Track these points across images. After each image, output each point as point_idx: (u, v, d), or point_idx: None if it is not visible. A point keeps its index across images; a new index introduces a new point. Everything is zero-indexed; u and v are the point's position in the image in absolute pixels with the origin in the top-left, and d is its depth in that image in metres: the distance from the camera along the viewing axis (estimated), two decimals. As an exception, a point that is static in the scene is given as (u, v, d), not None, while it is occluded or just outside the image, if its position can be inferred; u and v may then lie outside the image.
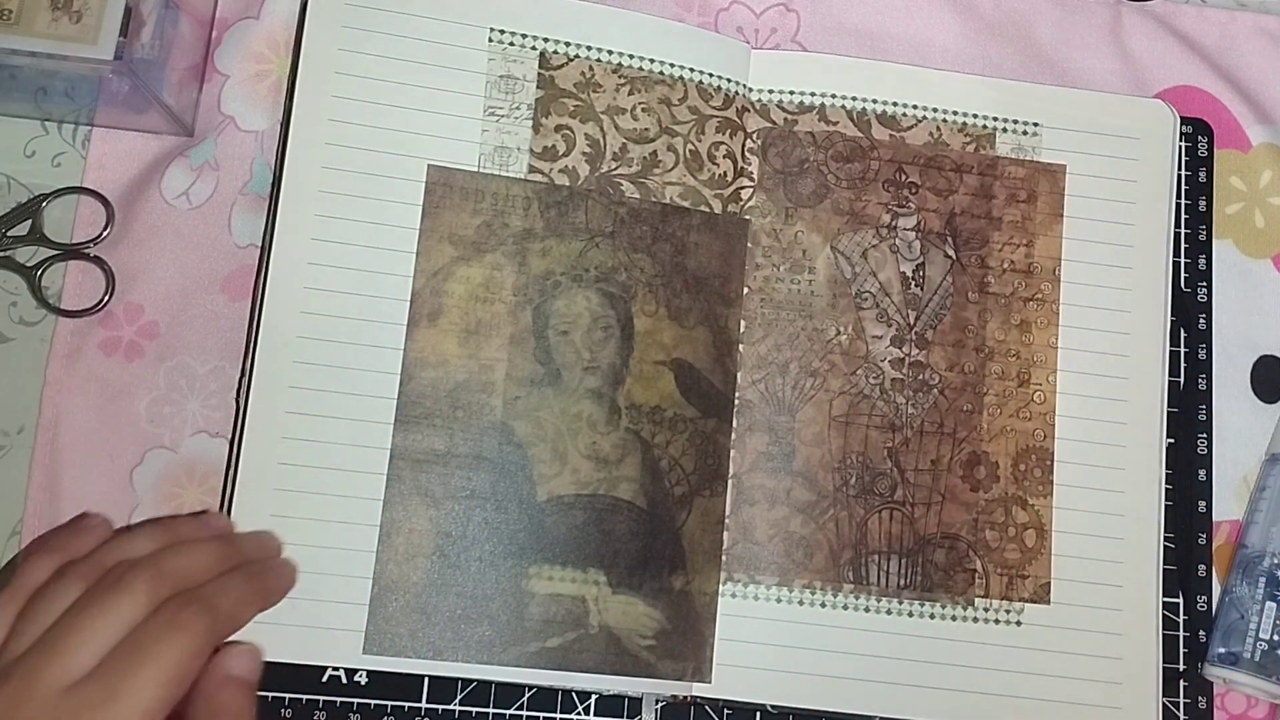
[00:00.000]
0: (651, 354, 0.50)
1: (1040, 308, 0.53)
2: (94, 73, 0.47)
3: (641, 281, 0.50)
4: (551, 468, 0.48)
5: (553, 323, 0.50)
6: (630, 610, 0.48)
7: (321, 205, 0.49)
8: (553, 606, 0.47)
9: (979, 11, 0.58)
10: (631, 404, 0.49)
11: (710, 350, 0.51)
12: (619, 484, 0.49)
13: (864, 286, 0.52)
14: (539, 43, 0.52)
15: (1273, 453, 0.54)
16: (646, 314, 0.50)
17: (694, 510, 0.49)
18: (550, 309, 0.50)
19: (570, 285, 0.50)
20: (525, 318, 0.49)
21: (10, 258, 0.51)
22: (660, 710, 0.50)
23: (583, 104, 0.52)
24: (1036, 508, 0.51)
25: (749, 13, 0.57)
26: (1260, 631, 0.50)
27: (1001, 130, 0.54)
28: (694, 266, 0.51)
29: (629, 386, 0.50)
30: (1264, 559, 0.51)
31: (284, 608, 0.44)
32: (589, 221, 0.51)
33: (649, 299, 0.50)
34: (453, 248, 0.49)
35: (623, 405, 0.49)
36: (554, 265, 0.50)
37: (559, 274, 0.50)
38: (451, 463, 0.48)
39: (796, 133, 0.53)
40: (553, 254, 0.50)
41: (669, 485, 0.49)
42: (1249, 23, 0.59)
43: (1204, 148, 0.57)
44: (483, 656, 0.47)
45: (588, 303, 0.50)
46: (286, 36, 0.54)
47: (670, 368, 0.50)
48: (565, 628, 0.47)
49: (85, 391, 0.50)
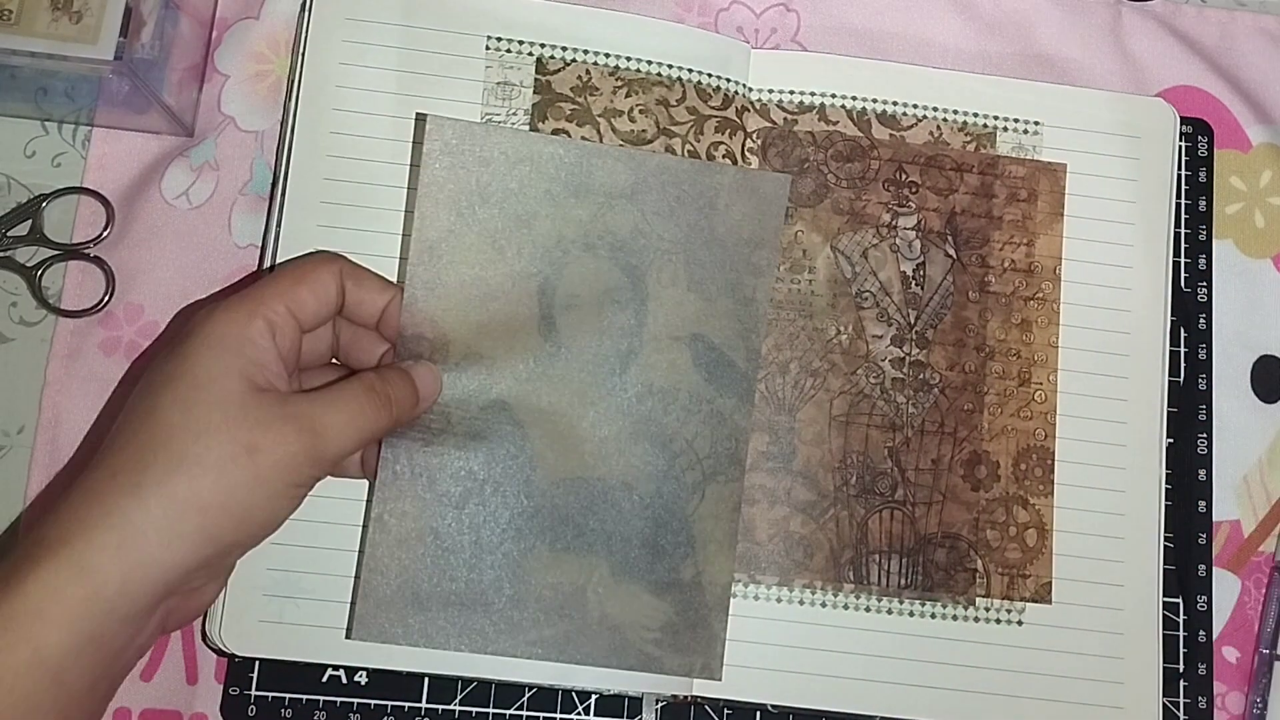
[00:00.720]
0: (667, 328, 0.47)
1: (1041, 307, 0.53)
2: (94, 73, 0.47)
3: (661, 248, 0.47)
4: (553, 449, 0.46)
5: (559, 296, 0.46)
6: (634, 601, 0.46)
7: (322, 214, 0.50)
8: (551, 595, 0.45)
9: (979, 11, 0.58)
10: (642, 382, 0.47)
11: (734, 324, 0.48)
12: (625, 468, 0.46)
13: (864, 286, 0.52)
14: (535, 48, 0.52)
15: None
16: (664, 285, 0.47)
17: (707, 497, 0.47)
18: (557, 281, 0.46)
19: (581, 254, 0.46)
20: (531, 290, 0.46)
21: (10, 258, 0.51)
22: (660, 710, 0.50)
23: (579, 108, 0.52)
24: (1037, 507, 0.51)
25: (749, 13, 0.57)
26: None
27: (1002, 129, 0.54)
28: (722, 230, 0.48)
29: (640, 363, 0.47)
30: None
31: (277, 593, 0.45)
32: (605, 181, 0.47)
33: (667, 267, 0.47)
34: (454, 213, 0.46)
35: (632, 383, 0.47)
36: (565, 230, 0.46)
37: (569, 241, 0.47)
38: (449, 442, 0.45)
39: (796, 132, 0.53)
40: (564, 218, 0.47)
41: (680, 470, 0.47)
42: (1249, 23, 0.59)
43: (1204, 148, 0.57)
44: (477, 645, 0.45)
45: (598, 274, 0.46)
46: (286, 36, 0.54)
47: (687, 344, 0.47)
48: (564, 617, 0.45)
49: (85, 391, 0.50)
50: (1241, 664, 0.53)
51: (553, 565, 0.46)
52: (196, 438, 0.37)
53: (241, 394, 0.38)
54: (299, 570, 0.47)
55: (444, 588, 0.45)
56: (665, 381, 0.47)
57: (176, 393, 0.38)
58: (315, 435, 0.39)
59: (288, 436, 0.38)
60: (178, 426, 0.37)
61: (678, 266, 0.47)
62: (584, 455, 0.46)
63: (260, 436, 0.38)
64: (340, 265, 0.43)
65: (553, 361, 0.46)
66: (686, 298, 0.47)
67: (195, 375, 0.38)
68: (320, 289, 0.42)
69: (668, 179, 0.47)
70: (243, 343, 0.39)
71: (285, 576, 0.47)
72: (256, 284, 0.42)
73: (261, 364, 0.39)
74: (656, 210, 0.47)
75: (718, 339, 0.47)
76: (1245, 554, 0.54)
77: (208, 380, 0.38)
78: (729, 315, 0.48)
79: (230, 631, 0.46)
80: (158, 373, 0.39)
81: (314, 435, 0.39)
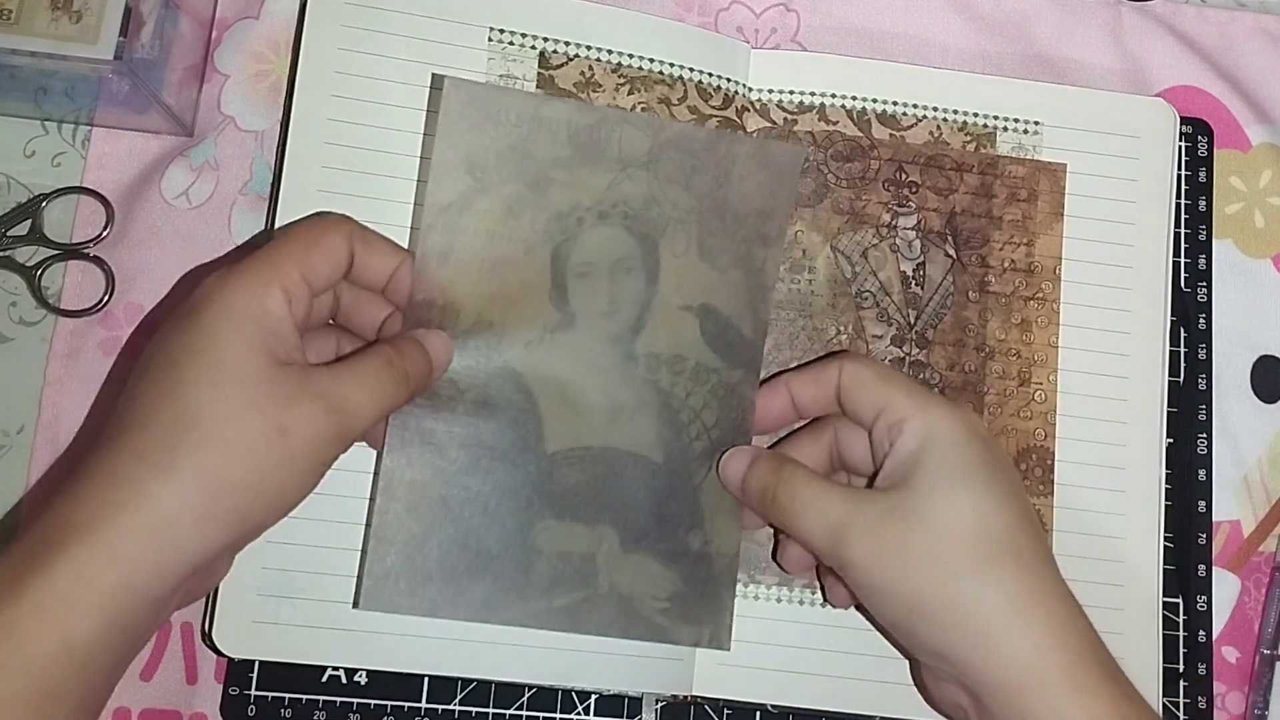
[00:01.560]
0: (677, 298, 0.47)
1: (1041, 307, 0.53)
2: (94, 73, 0.47)
3: (674, 218, 0.46)
4: (562, 418, 0.45)
5: (572, 264, 0.46)
6: (643, 571, 0.46)
7: (321, 204, 0.49)
8: (560, 564, 0.45)
9: (979, 11, 0.58)
10: (650, 352, 0.46)
11: (742, 295, 0.47)
12: (634, 437, 0.46)
13: (864, 286, 0.52)
14: (538, 42, 0.52)
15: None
16: (675, 254, 0.47)
17: (715, 467, 0.47)
18: (570, 249, 0.46)
19: (595, 223, 0.46)
20: (543, 257, 0.45)
21: (10, 258, 0.51)
22: (660, 710, 0.50)
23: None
24: (1036, 507, 0.51)
25: (749, 12, 0.57)
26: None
27: (1002, 129, 0.54)
28: (735, 200, 0.47)
29: (649, 333, 0.46)
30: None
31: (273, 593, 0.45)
32: (622, 149, 0.46)
33: (679, 237, 0.47)
34: (470, 177, 0.45)
35: (641, 353, 0.46)
36: (580, 198, 0.46)
37: (584, 209, 0.46)
38: (457, 410, 0.44)
39: (796, 132, 0.53)
40: (579, 186, 0.46)
41: (688, 440, 0.46)
42: (1249, 23, 0.59)
43: (1204, 148, 0.57)
44: (484, 615, 0.44)
45: (612, 242, 0.46)
46: (286, 36, 0.54)
47: (696, 314, 0.47)
48: (573, 587, 0.45)
49: (85, 391, 0.50)
50: (1241, 664, 0.53)
51: (561, 535, 0.45)
52: (227, 418, 0.37)
53: (267, 370, 0.38)
54: (295, 570, 0.47)
55: (452, 557, 0.44)
56: (674, 351, 0.47)
57: (200, 369, 0.37)
58: (342, 414, 0.39)
59: (316, 416, 0.38)
60: (206, 405, 0.37)
61: (690, 235, 0.47)
62: (593, 424, 0.46)
63: (290, 417, 0.37)
64: (350, 227, 0.43)
65: (563, 330, 0.46)
66: (698, 267, 0.47)
67: (217, 350, 0.38)
68: (331, 253, 0.42)
69: (684, 147, 0.47)
70: (263, 314, 0.39)
71: (281, 576, 0.47)
72: (268, 248, 0.41)
73: (281, 336, 0.39)
74: (671, 178, 0.46)
75: (726, 309, 0.47)
76: (1245, 554, 0.54)
77: (232, 355, 0.37)
78: (738, 286, 0.47)
79: (225, 634, 0.46)
80: (175, 344, 0.38)
81: (341, 414, 0.39)
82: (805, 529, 0.42)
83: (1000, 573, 0.39)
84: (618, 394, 0.46)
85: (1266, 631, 0.52)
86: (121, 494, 0.36)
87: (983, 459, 0.41)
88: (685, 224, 0.47)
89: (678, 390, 0.46)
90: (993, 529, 0.40)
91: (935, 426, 0.41)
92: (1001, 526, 0.40)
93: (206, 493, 0.36)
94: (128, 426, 0.37)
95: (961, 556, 0.39)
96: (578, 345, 0.46)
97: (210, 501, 0.36)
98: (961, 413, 0.42)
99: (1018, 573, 0.39)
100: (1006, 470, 0.42)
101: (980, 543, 0.39)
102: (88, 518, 0.35)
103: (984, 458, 0.41)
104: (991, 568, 0.39)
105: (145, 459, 0.36)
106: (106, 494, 0.36)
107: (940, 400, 0.43)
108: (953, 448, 0.41)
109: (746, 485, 0.45)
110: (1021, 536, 0.40)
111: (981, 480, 0.41)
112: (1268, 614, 0.53)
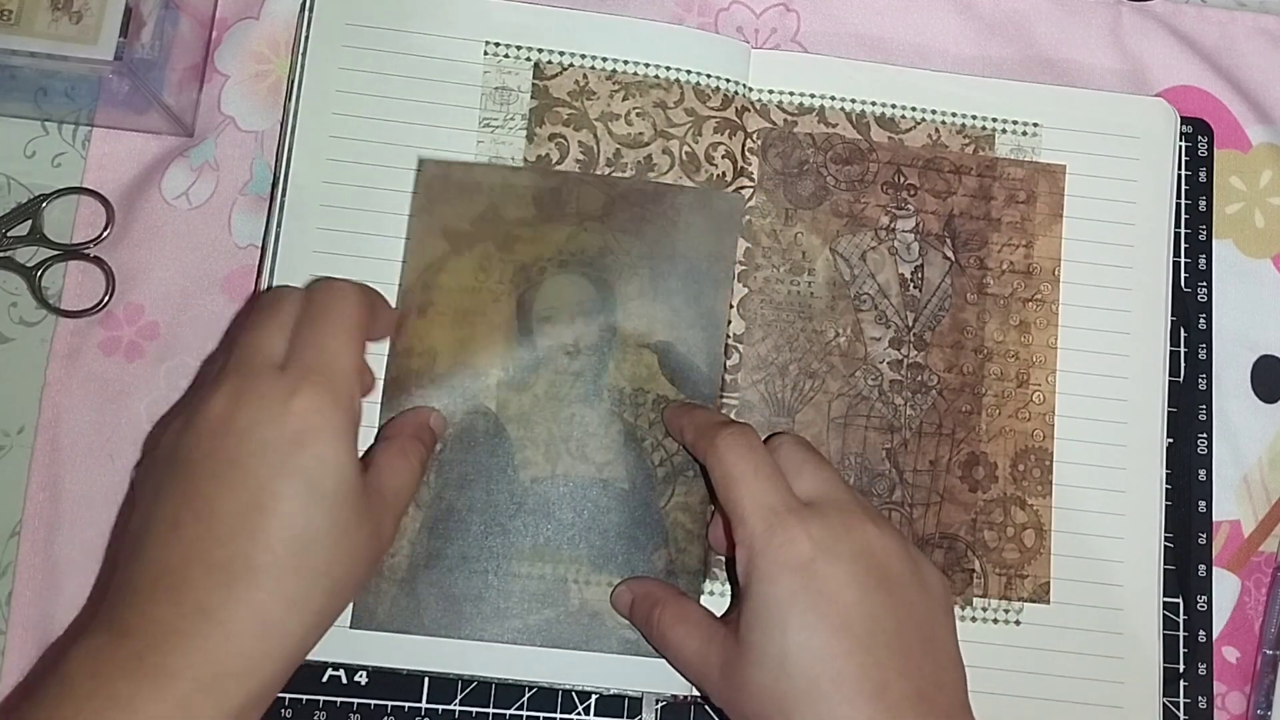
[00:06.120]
0: (635, 336, 0.50)
1: (1039, 308, 0.53)
2: (94, 73, 0.47)
3: (628, 264, 0.50)
4: (535, 450, 0.49)
5: (537, 309, 0.50)
6: (611, 589, 0.48)
7: (321, 217, 0.50)
8: (535, 585, 0.48)
9: (979, 11, 0.57)
10: (614, 385, 0.50)
11: (697, 331, 0.50)
12: (602, 465, 0.49)
13: (863, 288, 0.52)
14: (534, 53, 0.52)
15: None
16: (631, 296, 0.50)
17: (677, 490, 0.49)
18: (534, 295, 0.50)
19: (555, 271, 0.50)
20: (510, 305, 0.50)
21: (10, 258, 0.51)
22: (660, 710, 0.50)
23: (576, 112, 0.52)
24: (1035, 508, 0.51)
25: (749, 13, 0.57)
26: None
27: (1001, 131, 0.54)
28: (683, 246, 0.51)
29: (612, 369, 0.50)
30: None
31: None
32: (579, 206, 0.51)
33: (634, 280, 0.50)
34: (445, 242, 0.50)
35: (605, 387, 0.50)
36: (542, 251, 0.50)
37: (545, 259, 0.50)
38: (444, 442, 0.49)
39: (796, 134, 0.53)
40: (541, 240, 0.50)
41: (652, 466, 0.50)
42: (1249, 23, 0.59)
43: (1204, 148, 0.57)
44: (467, 632, 0.47)
45: (571, 287, 0.50)
46: (286, 36, 0.54)
47: (654, 350, 0.50)
48: (546, 605, 0.48)
49: (85, 391, 0.50)
50: (1241, 664, 0.53)
51: (535, 558, 0.48)
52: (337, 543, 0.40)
53: (361, 488, 0.41)
54: None
55: (436, 580, 0.48)
56: (635, 385, 0.50)
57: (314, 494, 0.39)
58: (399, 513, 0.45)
59: (388, 523, 0.43)
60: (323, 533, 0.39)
61: (644, 279, 0.51)
62: (563, 454, 0.49)
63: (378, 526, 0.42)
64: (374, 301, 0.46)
65: (532, 369, 0.50)
66: (653, 307, 0.50)
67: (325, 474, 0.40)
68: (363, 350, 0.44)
69: (634, 200, 0.51)
70: (351, 424, 0.41)
71: None
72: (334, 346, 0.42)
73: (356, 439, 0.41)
74: (624, 228, 0.51)
75: (681, 345, 0.50)
76: (1245, 554, 0.54)
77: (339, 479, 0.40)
78: (692, 323, 0.51)
79: None
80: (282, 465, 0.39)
81: (398, 514, 0.45)
82: (677, 662, 0.46)
83: (826, 711, 0.39)
84: (585, 425, 0.50)
85: (1268, 631, 0.52)
86: (271, 644, 0.39)
87: (806, 590, 0.40)
88: (639, 269, 0.51)
89: (641, 420, 0.50)
90: (814, 665, 0.39)
91: (763, 558, 0.41)
92: (823, 662, 0.39)
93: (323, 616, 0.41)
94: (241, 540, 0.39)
95: (790, 695, 0.40)
96: (546, 382, 0.50)
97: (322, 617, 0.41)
98: (806, 532, 0.41)
99: (848, 711, 0.39)
100: (845, 595, 0.40)
101: (802, 680, 0.39)
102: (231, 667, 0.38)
103: (809, 588, 0.40)
104: (816, 706, 0.39)
105: (278, 600, 0.39)
106: (246, 645, 0.38)
107: (786, 519, 0.41)
108: (783, 581, 0.41)
109: (633, 616, 0.48)
110: (849, 667, 0.39)
111: (808, 617, 0.40)
112: (1269, 614, 0.53)
